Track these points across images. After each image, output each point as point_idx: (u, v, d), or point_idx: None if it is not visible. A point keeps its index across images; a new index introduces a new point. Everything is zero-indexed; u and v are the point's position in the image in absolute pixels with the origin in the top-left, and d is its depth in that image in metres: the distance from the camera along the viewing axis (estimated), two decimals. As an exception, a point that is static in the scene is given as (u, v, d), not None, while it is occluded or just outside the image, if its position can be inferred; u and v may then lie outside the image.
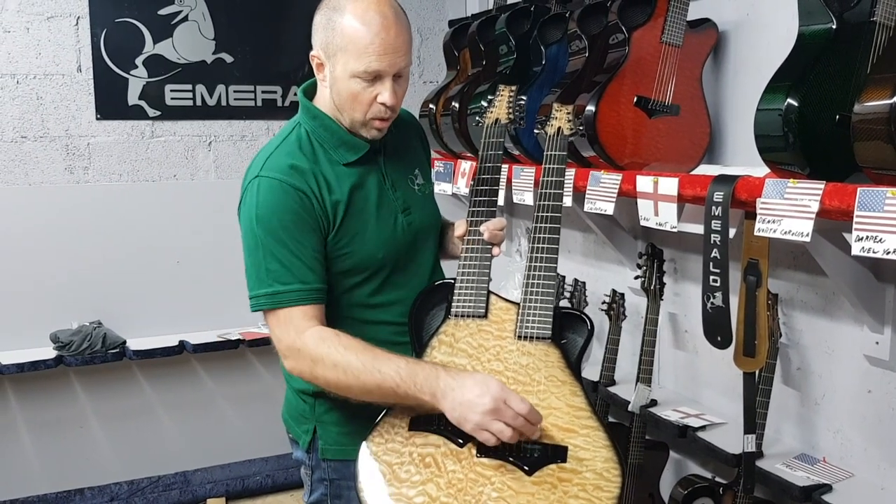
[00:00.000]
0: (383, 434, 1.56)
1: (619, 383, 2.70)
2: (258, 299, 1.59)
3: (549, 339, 1.59)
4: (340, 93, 1.60)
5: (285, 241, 1.56)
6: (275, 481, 3.66)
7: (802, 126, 1.62)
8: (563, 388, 1.56)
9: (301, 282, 1.56)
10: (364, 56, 1.54)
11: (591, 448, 1.50)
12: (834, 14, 1.66)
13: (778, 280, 2.26)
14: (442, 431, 1.53)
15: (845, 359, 2.10)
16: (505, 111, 1.78)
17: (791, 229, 1.66)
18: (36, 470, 3.36)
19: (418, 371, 1.50)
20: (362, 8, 1.54)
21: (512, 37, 2.82)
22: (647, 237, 2.70)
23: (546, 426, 1.52)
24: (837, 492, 1.99)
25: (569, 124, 1.77)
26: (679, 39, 2.28)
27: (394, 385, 1.49)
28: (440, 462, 1.51)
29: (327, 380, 1.54)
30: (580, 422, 1.53)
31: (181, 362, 3.50)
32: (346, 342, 1.54)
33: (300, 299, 1.56)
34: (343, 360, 1.51)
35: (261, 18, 3.52)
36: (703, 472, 2.49)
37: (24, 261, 3.25)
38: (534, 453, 1.50)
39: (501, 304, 1.64)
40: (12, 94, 3.21)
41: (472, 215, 1.69)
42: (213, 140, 3.53)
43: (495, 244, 1.68)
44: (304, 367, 1.56)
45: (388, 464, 1.53)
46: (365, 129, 1.65)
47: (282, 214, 1.57)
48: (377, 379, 1.50)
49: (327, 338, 1.54)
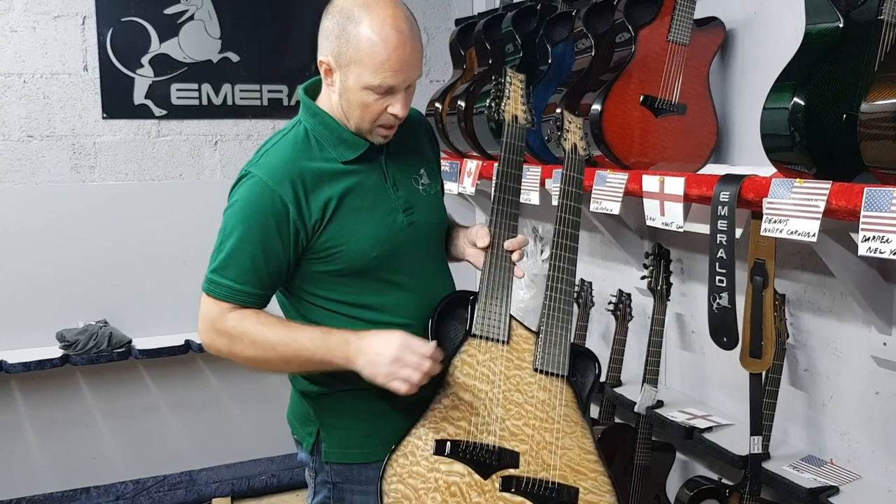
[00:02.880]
0: (407, 455, 1.58)
1: (626, 384, 2.69)
2: (205, 278, 1.63)
3: (564, 377, 1.65)
4: (350, 102, 1.60)
5: (242, 238, 1.59)
6: (280, 481, 3.66)
7: (809, 125, 1.61)
8: (576, 429, 1.64)
9: (236, 282, 1.59)
10: (379, 71, 1.54)
11: (597, 492, 1.61)
12: (841, 12, 1.64)
13: (785, 280, 2.24)
14: (467, 460, 1.58)
15: (853, 360, 2.09)
16: (521, 108, 1.76)
17: (797, 229, 1.65)
18: (42, 469, 3.37)
19: (330, 338, 1.57)
20: (379, 22, 1.53)
21: (518, 35, 2.81)
22: (653, 237, 2.69)
23: (561, 465, 1.61)
24: (844, 494, 1.97)
25: (582, 142, 1.79)
26: (686, 38, 2.27)
27: (309, 353, 1.56)
28: (465, 492, 1.56)
29: (246, 356, 1.60)
30: (589, 465, 1.62)
31: (187, 362, 3.50)
32: (263, 319, 1.60)
33: (228, 297, 1.59)
34: (260, 336, 1.57)
35: (267, 17, 3.52)
36: (710, 474, 2.48)
37: (31, 260, 3.25)
38: (551, 493, 1.59)
39: (522, 331, 1.68)
40: (19, 94, 3.21)
41: (495, 225, 1.68)
42: (218, 139, 3.53)
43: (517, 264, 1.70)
44: (221, 345, 1.61)
45: (413, 488, 1.56)
46: (370, 135, 1.65)
47: (252, 213, 1.59)
48: (293, 349, 1.57)
49: (246, 317, 1.60)
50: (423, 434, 1.58)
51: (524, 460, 1.59)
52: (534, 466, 1.58)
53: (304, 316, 1.69)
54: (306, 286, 1.67)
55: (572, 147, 1.76)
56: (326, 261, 1.63)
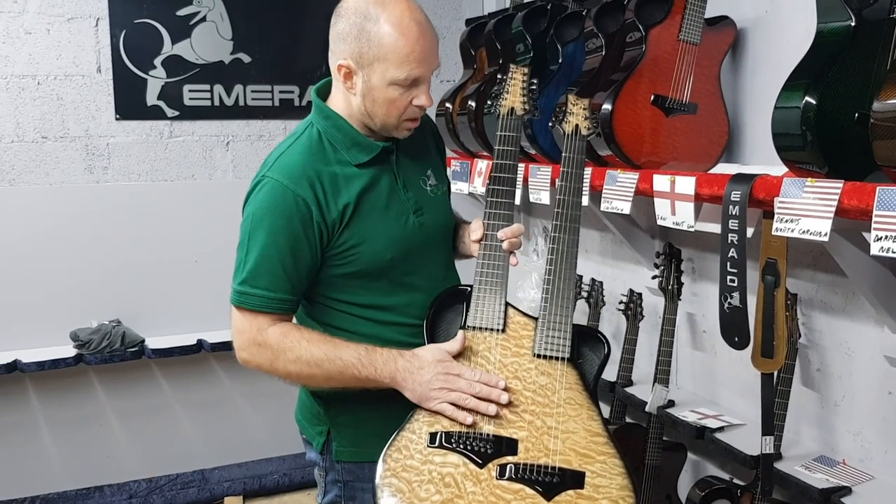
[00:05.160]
0: (401, 450, 1.56)
1: (637, 384, 2.69)
2: (232, 292, 1.63)
3: (566, 359, 1.60)
4: (376, 100, 1.60)
5: (269, 246, 1.58)
6: (292, 480, 3.67)
7: (820, 124, 1.60)
8: (581, 411, 1.58)
9: (268, 290, 1.59)
10: (405, 64, 1.55)
11: (607, 475, 1.54)
12: (853, 11, 1.63)
13: (797, 280, 2.23)
14: (462, 451, 1.55)
15: (865, 360, 2.08)
16: (520, 99, 1.74)
17: (809, 229, 1.64)
18: (56, 467, 3.39)
19: (377, 356, 1.57)
20: (396, 16, 1.54)
21: (528, 35, 2.81)
22: (664, 236, 2.68)
23: (564, 450, 1.55)
24: (857, 495, 1.97)
25: (586, 122, 1.74)
26: (697, 37, 2.26)
27: (355, 371, 1.57)
28: (460, 483, 1.53)
29: (288, 371, 1.60)
30: (597, 447, 1.56)
31: (199, 361, 3.52)
32: (307, 335, 1.59)
33: (263, 306, 1.59)
34: (306, 353, 1.57)
35: (278, 19, 3.53)
36: (721, 474, 2.47)
37: (44, 260, 3.28)
38: (553, 478, 1.53)
39: (519, 318, 1.64)
40: (33, 95, 3.24)
41: (488, 217, 1.68)
42: (230, 140, 3.55)
43: (513, 252, 1.68)
44: (262, 359, 1.61)
45: (407, 481, 1.53)
46: (397, 130, 1.66)
47: (275, 219, 1.58)
48: (339, 366, 1.57)
49: (289, 332, 1.60)
50: (416, 428, 1.57)
51: (523, 447, 1.55)
52: (534, 453, 1.54)
53: (315, 318, 1.70)
54: (318, 289, 1.68)
55: (573, 129, 1.72)
56: (342, 264, 1.64)
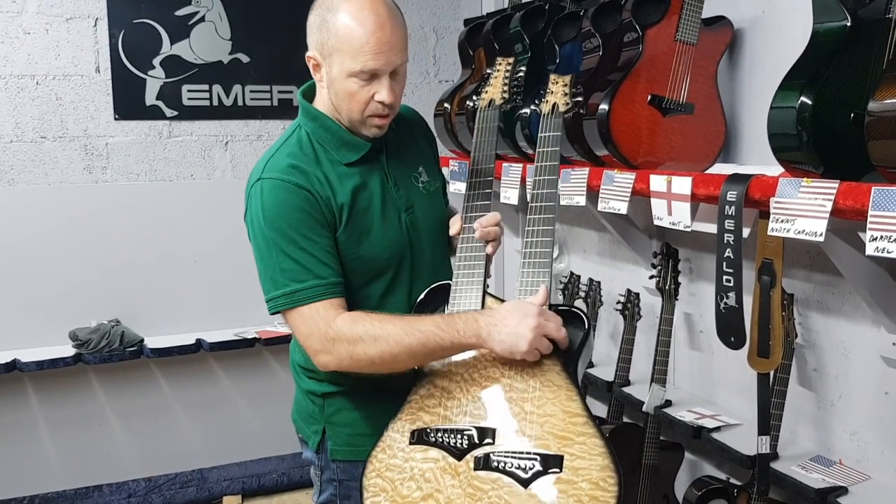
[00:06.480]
0: (385, 450, 1.57)
1: (634, 383, 2.69)
2: (276, 301, 1.58)
3: None
4: (338, 93, 1.60)
5: (295, 240, 1.56)
6: (290, 479, 3.68)
7: (816, 124, 1.60)
8: (559, 392, 1.53)
9: (317, 277, 1.56)
10: (360, 55, 1.54)
11: (586, 456, 1.47)
12: (848, 11, 1.63)
13: (793, 280, 2.23)
14: (440, 445, 1.54)
15: (862, 360, 2.08)
16: (500, 90, 1.72)
17: (805, 229, 1.64)
18: (55, 466, 3.40)
19: (456, 320, 1.53)
20: (356, 7, 1.54)
21: (526, 35, 2.81)
22: (662, 236, 2.68)
23: (542, 434, 1.50)
24: (853, 494, 1.97)
25: (564, 98, 1.70)
26: (694, 37, 2.26)
27: (438, 339, 1.52)
28: (439, 477, 1.52)
29: (371, 356, 1.53)
30: (576, 428, 1.49)
31: (198, 360, 3.53)
32: (376, 316, 1.56)
33: (319, 294, 1.56)
34: (382, 331, 1.53)
35: (277, 19, 3.54)
36: (718, 474, 2.47)
37: (43, 260, 3.28)
38: (530, 464, 1.48)
39: (497, 304, 1.63)
40: (32, 95, 3.24)
41: (466, 211, 1.68)
42: (229, 140, 3.55)
43: (488, 242, 1.67)
44: (342, 353, 1.54)
45: (390, 480, 1.54)
46: (364, 127, 1.64)
47: (289, 213, 1.57)
48: (420, 338, 1.52)
49: (358, 318, 1.56)
50: (400, 427, 1.57)
51: (500, 435, 1.52)
52: (511, 440, 1.51)
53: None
54: None
55: (551, 108, 1.69)
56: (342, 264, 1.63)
